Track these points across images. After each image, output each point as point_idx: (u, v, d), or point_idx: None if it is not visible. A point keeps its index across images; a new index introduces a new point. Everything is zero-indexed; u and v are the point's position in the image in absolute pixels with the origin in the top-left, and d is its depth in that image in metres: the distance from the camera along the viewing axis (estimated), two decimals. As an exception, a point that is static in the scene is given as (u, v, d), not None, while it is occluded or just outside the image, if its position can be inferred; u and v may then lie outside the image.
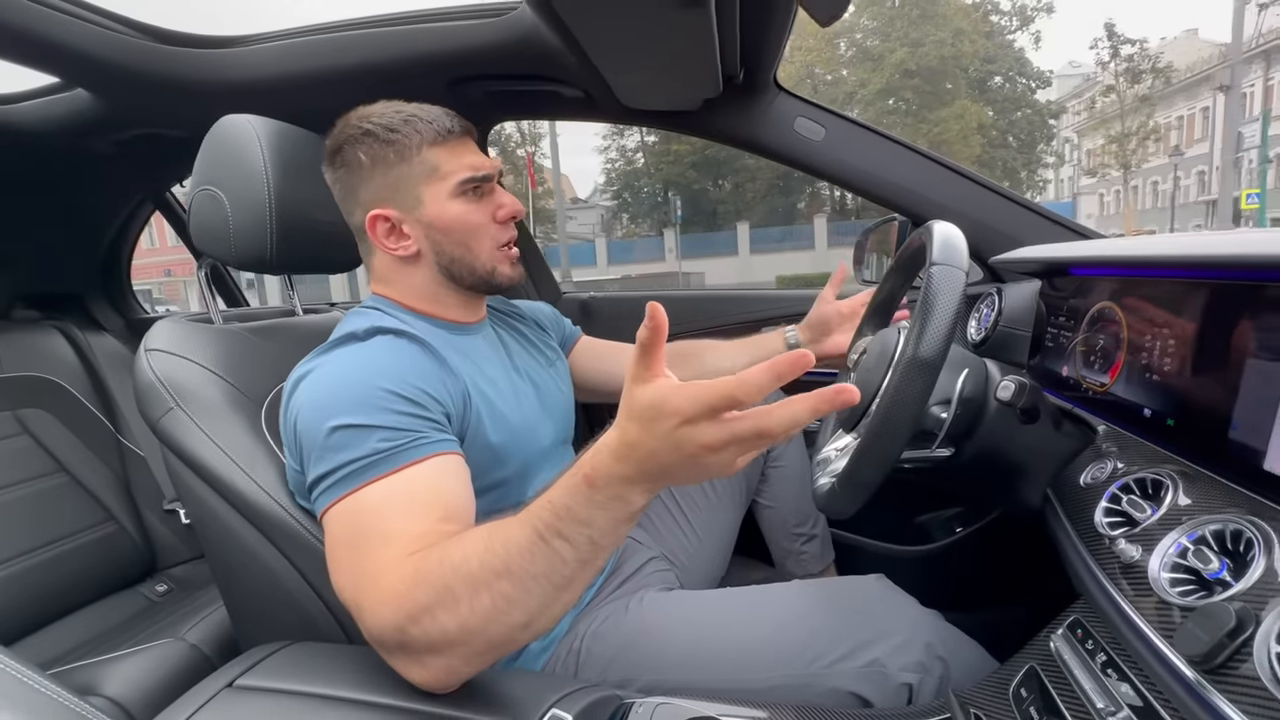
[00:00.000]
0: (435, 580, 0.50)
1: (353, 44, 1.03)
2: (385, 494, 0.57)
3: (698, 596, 0.80)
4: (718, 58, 0.87)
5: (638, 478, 0.46)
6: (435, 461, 0.60)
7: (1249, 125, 15.75)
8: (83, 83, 1.10)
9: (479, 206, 0.76)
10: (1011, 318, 0.96)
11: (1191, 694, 0.42)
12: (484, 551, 0.49)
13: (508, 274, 0.79)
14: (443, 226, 0.74)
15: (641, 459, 0.45)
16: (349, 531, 0.57)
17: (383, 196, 0.73)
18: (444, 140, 0.74)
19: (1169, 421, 0.61)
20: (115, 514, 1.33)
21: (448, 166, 0.73)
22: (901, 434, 0.58)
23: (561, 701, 0.55)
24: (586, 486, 0.46)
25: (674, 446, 0.43)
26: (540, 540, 0.48)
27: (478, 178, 0.75)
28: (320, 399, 0.62)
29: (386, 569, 0.53)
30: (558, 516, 0.47)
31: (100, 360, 1.43)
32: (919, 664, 0.67)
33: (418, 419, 0.62)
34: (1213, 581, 0.45)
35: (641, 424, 0.44)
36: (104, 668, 0.94)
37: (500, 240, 0.78)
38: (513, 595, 0.48)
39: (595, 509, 0.47)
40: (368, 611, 0.53)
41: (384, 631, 0.52)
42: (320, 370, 0.65)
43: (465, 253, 0.76)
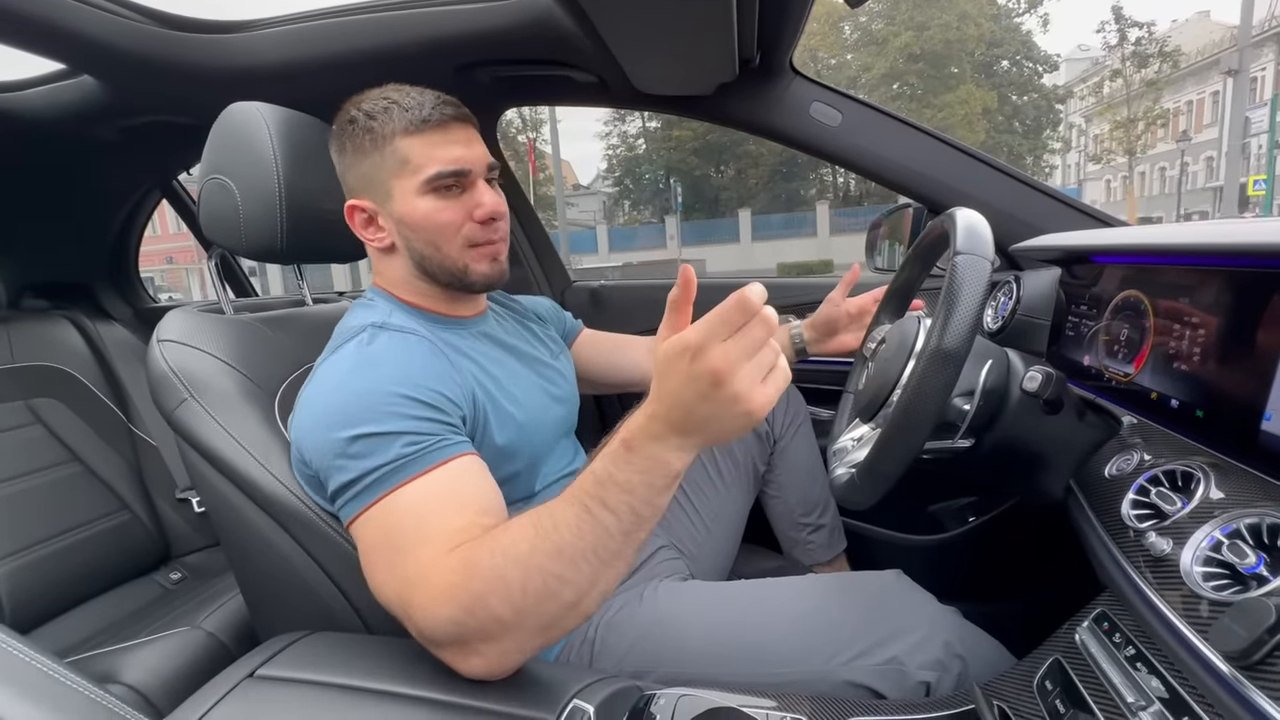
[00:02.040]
0: (487, 569, 0.50)
1: (361, 28, 1.02)
2: (420, 495, 0.57)
3: (714, 588, 0.80)
4: (735, 40, 0.85)
5: (670, 432, 0.47)
6: (461, 462, 0.60)
7: (1257, 110, 15.55)
8: (89, 69, 1.09)
9: (450, 204, 0.71)
10: (1030, 306, 0.94)
11: (1228, 689, 0.41)
12: (534, 535, 0.50)
13: (483, 272, 0.74)
14: (411, 223, 0.71)
15: (670, 411, 0.46)
16: (385, 535, 0.56)
17: (360, 186, 0.72)
18: (418, 130, 0.69)
19: (1198, 412, 0.61)
20: (128, 503, 1.33)
21: (418, 160, 0.69)
22: (924, 426, 0.57)
23: (583, 692, 0.54)
24: (625, 451, 0.48)
25: (692, 385, 0.44)
26: (586, 512, 0.49)
27: (448, 173, 0.69)
28: (334, 407, 0.60)
29: (433, 566, 0.53)
30: (600, 485, 0.49)
31: (110, 349, 1.43)
32: (937, 662, 0.67)
33: (437, 423, 0.61)
34: (1249, 576, 0.45)
35: (664, 375, 0.46)
36: (122, 656, 0.95)
37: (475, 239, 0.72)
38: (564, 574, 0.49)
39: (635, 473, 0.48)
40: (419, 610, 0.52)
41: (439, 627, 0.52)
42: (330, 376, 0.64)
43: (434, 251, 0.72)
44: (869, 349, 0.86)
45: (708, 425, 0.46)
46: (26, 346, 1.31)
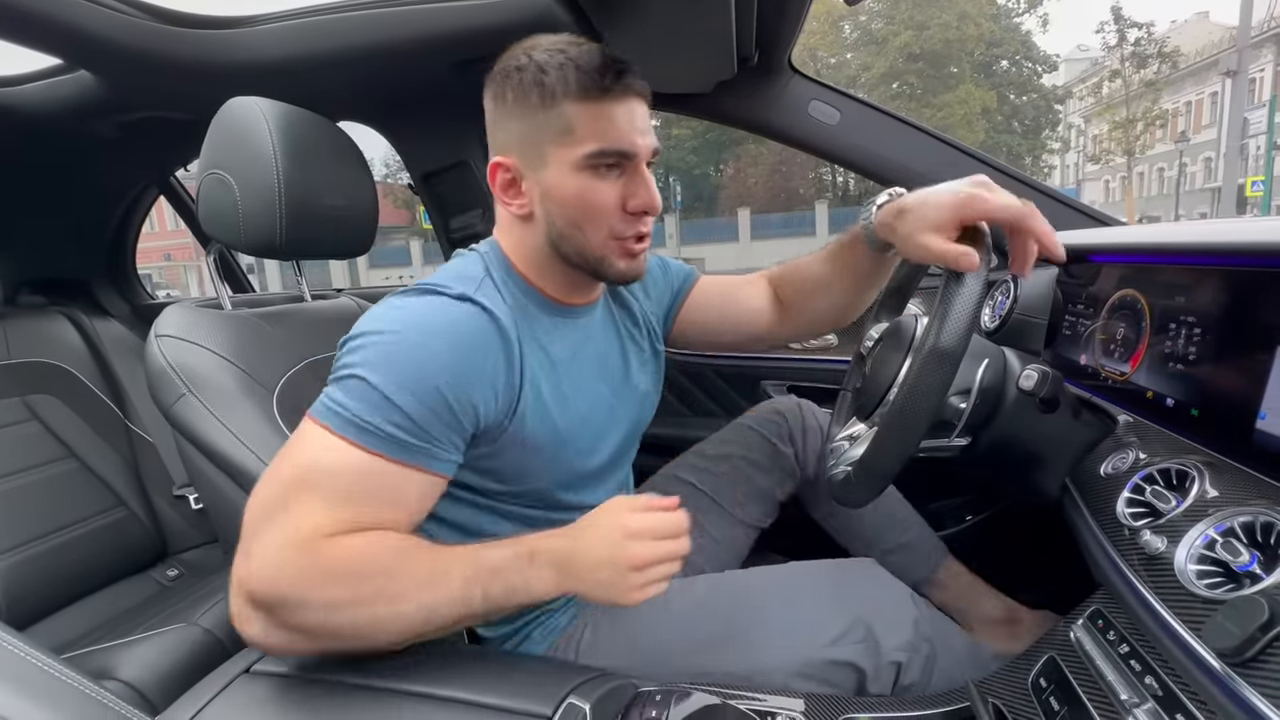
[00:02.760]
0: (358, 586, 0.52)
1: (359, 24, 1.01)
2: (365, 467, 0.55)
3: (698, 581, 0.80)
4: (734, 38, 0.85)
5: (566, 566, 0.55)
6: (422, 477, 0.58)
7: (1255, 111, 15.57)
8: (86, 64, 1.08)
9: (607, 186, 0.64)
10: (1027, 305, 0.95)
11: (1220, 686, 0.42)
12: (419, 585, 0.53)
13: (619, 269, 0.67)
14: (558, 198, 0.64)
15: (579, 555, 0.55)
16: (308, 463, 0.55)
17: (511, 144, 0.65)
18: (591, 96, 0.61)
19: (1193, 411, 0.61)
20: (125, 499, 1.33)
21: (583, 130, 0.61)
22: (920, 425, 0.57)
23: (578, 690, 0.55)
24: (529, 559, 0.55)
25: (608, 553, 0.54)
26: (467, 590, 0.54)
27: (611, 152, 0.62)
28: (379, 346, 0.57)
29: (317, 538, 0.52)
30: (493, 571, 0.54)
31: (107, 346, 1.43)
32: (908, 643, 0.69)
33: (442, 425, 0.58)
34: (1242, 574, 0.45)
35: (594, 528, 0.56)
36: (118, 652, 0.94)
37: (621, 232, 0.66)
38: (409, 625, 0.53)
39: (523, 580, 0.55)
40: (272, 564, 0.51)
41: (268, 589, 0.51)
42: (398, 311, 0.60)
43: (576, 233, 0.65)
44: (866, 347, 0.87)
45: (591, 584, 0.55)
46: (23, 343, 1.30)
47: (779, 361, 1.40)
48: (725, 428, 1.07)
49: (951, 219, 0.60)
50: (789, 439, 1.01)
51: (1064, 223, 1.03)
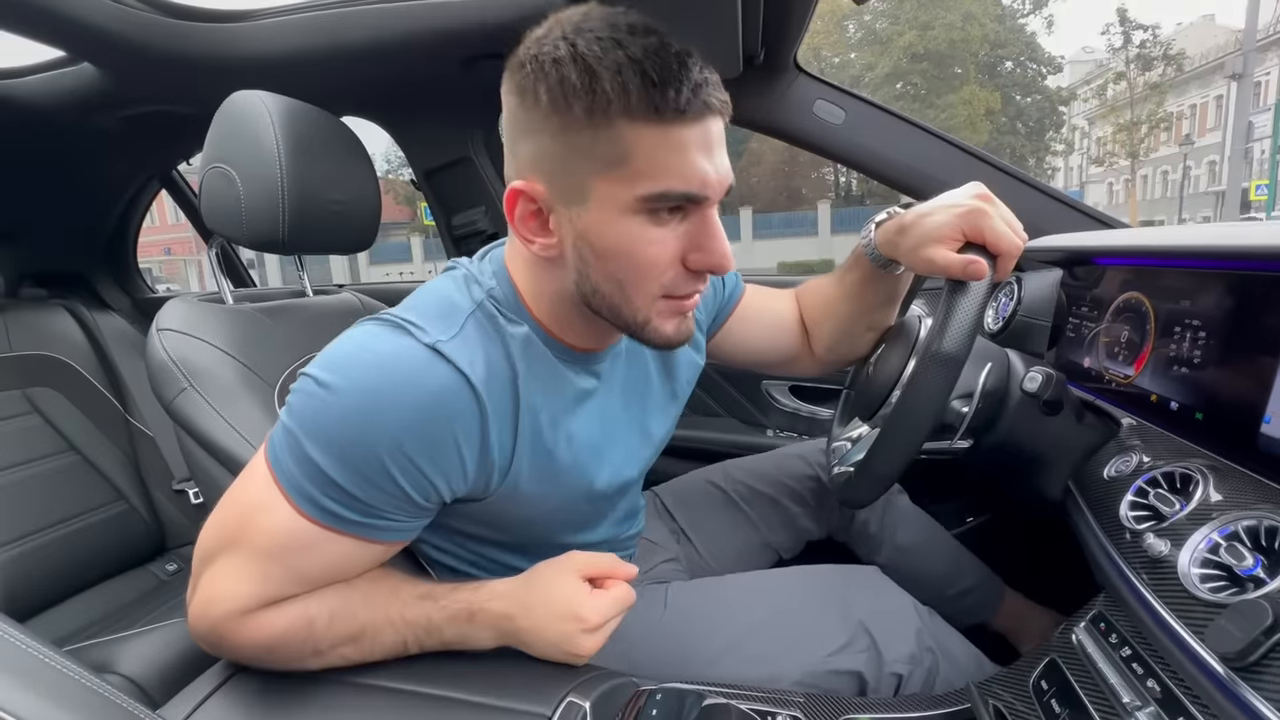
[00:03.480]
0: (288, 657, 0.54)
1: (365, 19, 1.01)
2: (310, 539, 0.50)
3: (699, 585, 0.80)
4: (739, 36, 0.85)
5: (510, 621, 0.54)
6: (368, 546, 0.53)
7: (1260, 114, 15.55)
8: (89, 57, 1.08)
9: (666, 235, 0.50)
10: (1031, 307, 0.94)
11: (1223, 690, 0.42)
12: (349, 643, 0.54)
13: (665, 334, 0.54)
14: (599, 247, 0.50)
15: (527, 608, 0.54)
16: (250, 507, 0.51)
17: (543, 166, 0.50)
18: (657, 118, 0.45)
19: (1198, 415, 0.61)
20: (125, 493, 1.33)
21: (643, 162, 0.47)
22: (922, 428, 0.57)
23: (578, 688, 0.54)
24: (468, 618, 0.55)
25: (560, 610, 0.54)
26: (403, 646, 0.55)
27: (678, 195, 0.48)
28: (323, 403, 0.48)
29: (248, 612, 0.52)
30: (430, 629, 0.55)
31: (108, 340, 1.43)
32: (911, 655, 0.68)
33: (387, 499, 0.50)
34: (1246, 578, 0.45)
35: (550, 578, 0.56)
36: (118, 645, 0.95)
37: (675, 290, 0.53)
38: (339, 666, 0.55)
39: (460, 637, 0.55)
40: (203, 614, 0.52)
41: (205, 640, 0.54)
42: (354, 365, 0.50)
43: (615, 290, 0.52)
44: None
45: (536, 639, 0.54)
46: (24, 336, 1.30)
47: (781, 361, 1.40)
48: (777, 450, 1.06)
49: (955, 232, 0.60)
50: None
51: (1069, 225, 1.02)
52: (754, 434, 1.40)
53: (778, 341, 0.84)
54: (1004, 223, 0.59)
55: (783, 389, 1.39)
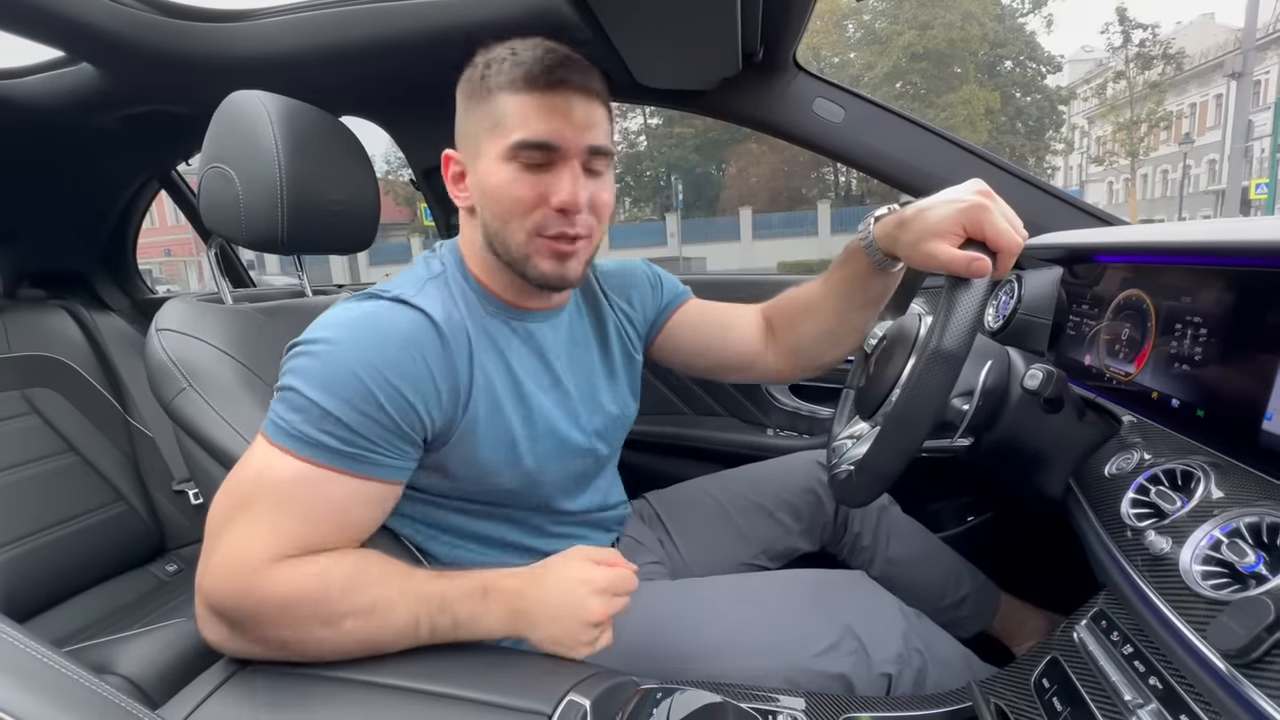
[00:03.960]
0: (302, 616, 0.53)
1: (361, 19, 1.01)
2: (312, 480, 0.55)
3: (689, 585, 0.80)
4: (738, 34, 0.85)
5: (522, 610, 0.56)
6: (364, 485, 0.58)
7: (1260, 113, 15.55)
8: (88, 57, 1.08)
9: (532, 179, 0.62)
10: (1031, 305, 0.94)
11: (1225, 687, 0.41)
12: (364, 619, 0.54)
13: (542, 270, 0.64)
14: (487, 190, 0.63)
15: (536, 601, 0.56)
16: (257, 478, 0.55)
17: (461, 137, 0.67)
18: (523, 88, 0.60)
19: (1199, 412, 0.61)
20: (124, 494, 1.33)
21: (511, 121, 0.61)
22: (923, 426, 0.57)
23: (579, 686, 0.54)
24: (482, 596, 0.56)
25: (569, 603, 0.56)
26: (415, 624, 0.55)
27: (532, 143, 0.60)
28: (311, 354, 0.58)
29: (263, 562, 0.53)
30: (443, 609, 0.55)
31: (107, 340, 1.42)
32: (898, 655, 0.69)
33: (383, 429, 0.57)
34: (1248, 575, 0.45)
35: (556, 578, 0.57)
36: (117, 646, 0.94)
37: (545, 228, 0.63)
38: (349, 646, 0.54)
39: (474, 616, 0.55)
40: (221, 581, 0.53)
41: (219, 603, 0.53)
42: (336, 322, 0.60)
43: (502, 228, 0.64)
44: (869, 345, 0.86)
45: (543, 631, 0.56)
46: (23, 336, 1.30)
47: (781, 360, 1.40)
48: (777, 460, 1.06)
49: (955, 227, 0.60)
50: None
51: (1069, 222, 1.02)
52: (754, 433, 1.40)
53: (729, 345, 0.87)
54: (1004, 219, 0.59)
55: (783, 388, 1.39)
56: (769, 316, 0.87)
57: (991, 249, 0.59)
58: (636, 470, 1.49)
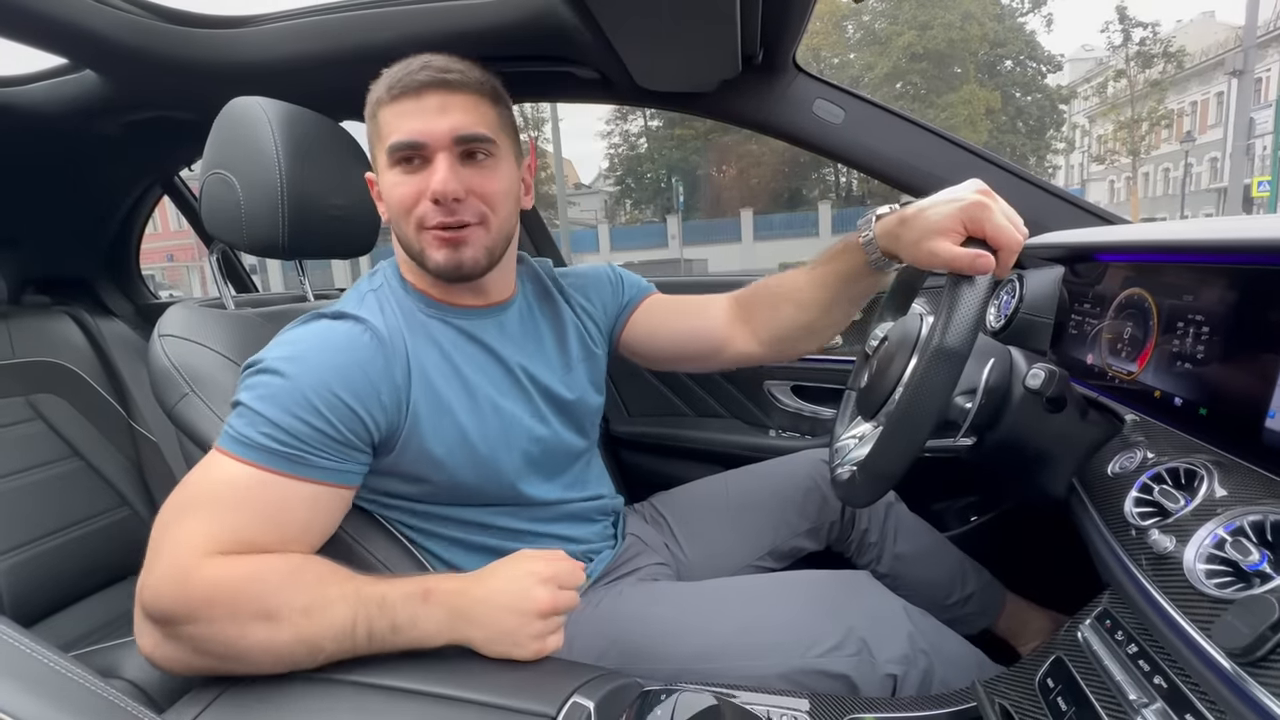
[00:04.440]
0: (237, 611, 0.52)
1: (362, 24, 1.01)
2: (250, 481, 0.56)
3: (691, 587, 0.80)
4: (738, 36, 0.85)
5: (465, 610, 0.55)
6: (305, 487, 0.58)
7: (1261, 111, 15.52)
8: (90, 64, 1.09)
9: (408, 179, 0.66)
10: (1033, 305, 0.94)
11: (1230, 686, 0.41)
12: (301, 614, 0.52)
13: (437, 260, 0.67)
14: (386, 198, 0.69)
15: (481, 599, 0.55)
16: (199, 482, 0.57)
17: (371, 156, 0.71)
18: (393, 98, 0.65)
19: (1201, 410, 0.60)
20: (129, 499, 1.33)
21: (386, 129, 0.66)
22: (926, 425, 0.57)
23: (583, 688, 0.54)
24: (422, 598, 0.55)
25: (517, 600, 0.55)
26: (352, 625, 0.53)
27: (401, 145, 0.64)
28: (257, 368, 0.61)
29: (198, 557, 0.53)
30: (383, 607, 0.54)
31: (111, 345, 1.43)
32: (904, 656, 0.68)
33: (321, 434, 0.59)
34: (1252, 574, 0.45)
35: (504, 571, 0.58)
36: (123, 651, 0.94)
37: (426, 219, 0.66)
38: (287, 648, 0.53)
39: (413, 620, 0.54)
40: (157, 579, 0.52)
41: (154, 605, 0.52)
42: (281, 341, 0.64)
43: (399, 229, 0.69)
44: (871, 346, 0.86)
45: (489, 629, 0.55)
46: (27, 342, 1.31)
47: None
48: (780, 459, 1.06)
49: (956, 224, 0.60)
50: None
51: (1070, 221, 1.02)
52: (757, 434, 1.40)
53: (696, 332, 0.88)
54: (1004, 217, 0.59)
55: (784, 389, 1.39)
56: (742, 302, 0.87)
57: (992, 247, 0.59)
58: (639, 472, 1.50)
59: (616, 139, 26.43)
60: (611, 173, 28.02)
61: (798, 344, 0.85)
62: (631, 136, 26.00)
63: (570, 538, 0.80)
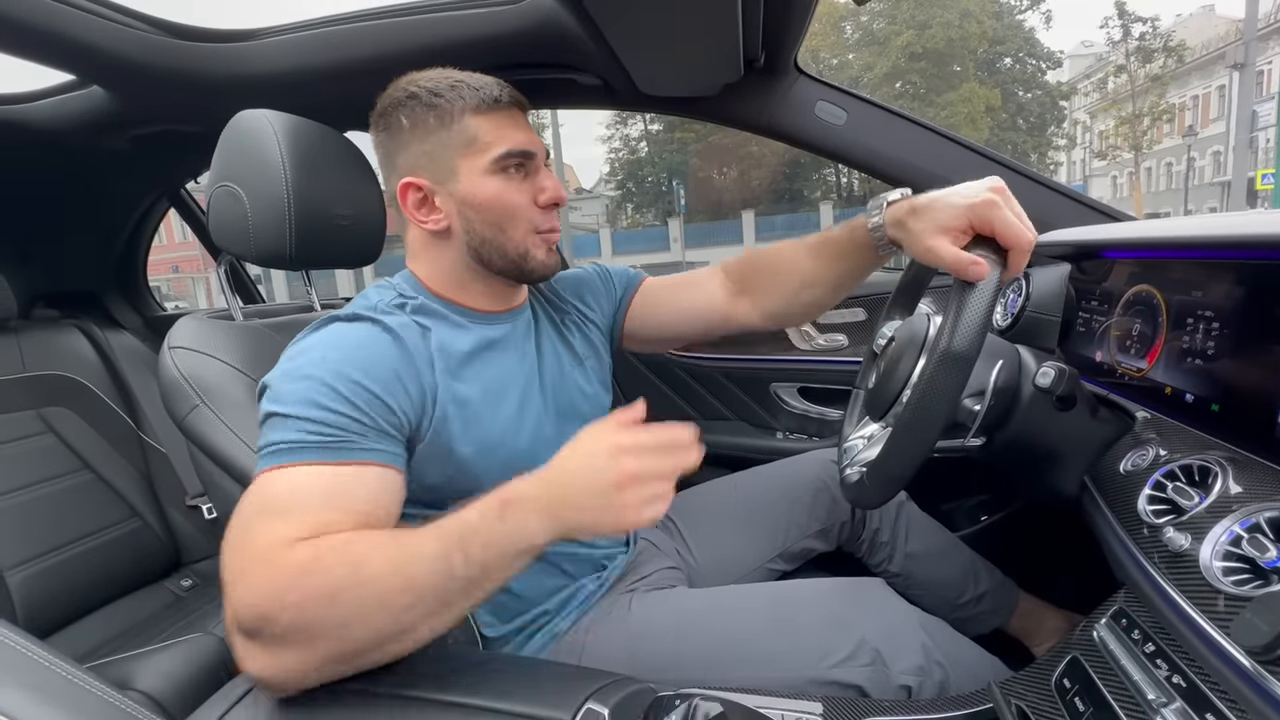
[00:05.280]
0: (329, 573, 0.48)
1: (364, 36, 1.02)
2: (303, 479, 0.55)
3: (701, 594, 0.80)
4: (740, 40, 0.85)
5: (549, 505, 0.51)
6: (364, 469, 0.57)
7: (1264, 104, 15.45)
8: (97, 79, 1.10)
9: (518, 186, 0.70)
10: (1040, 303, 0.94)
11: (1251, 684, 0.41)
12: (392, 557, 0.50)
13: (541, 260, 0.72)
14: (476, 204, 0.69)
15: (560, 489, 0.51)
16: (254, 502, 0.54)
17: (418, 164, 0.69)
18: (489, 109, 0.68)
19: (1214, 406, 0.60)
20: (139, 510, 1.34)
21: (488, 138, 0.68)
22: (935, 427, 0.57)
23: (597, 694, 0.54)
24: (500, 509, 0.51)
25: (596, 475, 0.50)
26: (444, 557, 0.50)
27: (518, 153, 0.69)
28: (275, 378, 0.60)
29: (278, 548, 0.50)
30: (466, 535, 0.51)
31: (120, 358, 1.44)
32: (918, 667, 0.67)
33: (354, 420, 0.58)
34: (1269, 570, 0.44)
35: (572, 457, 0.52)
36: (136, 662, 0.95)
37: (539, 226, 0.72)
38: (398, 608, 0.49)
39: (501, 533, 0.51)
40: (244, 585, 0.49)
41: (249, 609, 0.49)
42: (293, 347, 0.63)
43: (497, 234, 0.70)
44: (878, 345, 0.86)
45: (582, 516, 0.50)
46: (37, 356, 1.32)
47: (789, 363, 1.40)
48: (789, 459, 1.05)
49: (962, 222, 0.60)
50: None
51: (1075, 219, 1.02)
52: (764, 437, 1.40)
53: (696, 304, 0.90)
54: (1014, 215, 0.59)
55: (791, 391, 1.39)
56: (736, 274, 0.89)
57: (1002, 245, 0.59)
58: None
59: (617, 143, 26.52)
60: (612, 177, 28.07)
61: (800, 316, 0.89)
62: (632, 140, 26.07)
63: (585, 542, 0.79)
